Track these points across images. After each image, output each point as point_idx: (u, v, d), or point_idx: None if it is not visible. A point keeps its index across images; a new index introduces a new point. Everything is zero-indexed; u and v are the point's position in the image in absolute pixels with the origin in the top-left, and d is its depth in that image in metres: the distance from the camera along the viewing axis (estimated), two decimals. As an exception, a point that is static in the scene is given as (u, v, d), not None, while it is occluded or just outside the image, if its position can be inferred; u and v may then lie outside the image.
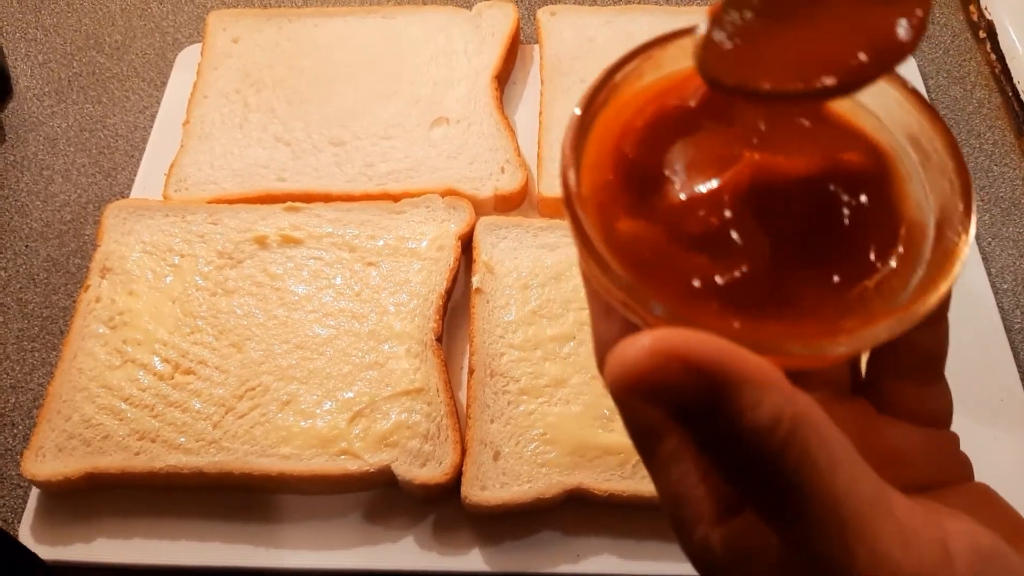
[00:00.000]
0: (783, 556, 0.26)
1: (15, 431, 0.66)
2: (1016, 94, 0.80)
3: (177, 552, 0.59)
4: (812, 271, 0.27)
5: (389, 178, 0.75)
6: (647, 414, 0.29)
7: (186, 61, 0.86)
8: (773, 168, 0.27)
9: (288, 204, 0.72)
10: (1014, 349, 0.67)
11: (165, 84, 0.85)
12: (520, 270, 0.68)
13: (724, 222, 0.27)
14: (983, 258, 0.72)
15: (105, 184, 0.80)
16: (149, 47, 0.90)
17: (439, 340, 0.65)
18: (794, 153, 0.28)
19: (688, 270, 0.26)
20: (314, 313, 0.66)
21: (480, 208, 0.73)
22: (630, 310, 0.26)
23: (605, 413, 0.61)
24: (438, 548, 0.59)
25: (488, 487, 0.59)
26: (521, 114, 0.82)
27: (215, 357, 0.64)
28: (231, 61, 0.83)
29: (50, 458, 0.60)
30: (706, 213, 0.27)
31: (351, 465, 0.59)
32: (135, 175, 0.78)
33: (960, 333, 0.31)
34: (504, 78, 0.83)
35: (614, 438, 0.59)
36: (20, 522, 0.60)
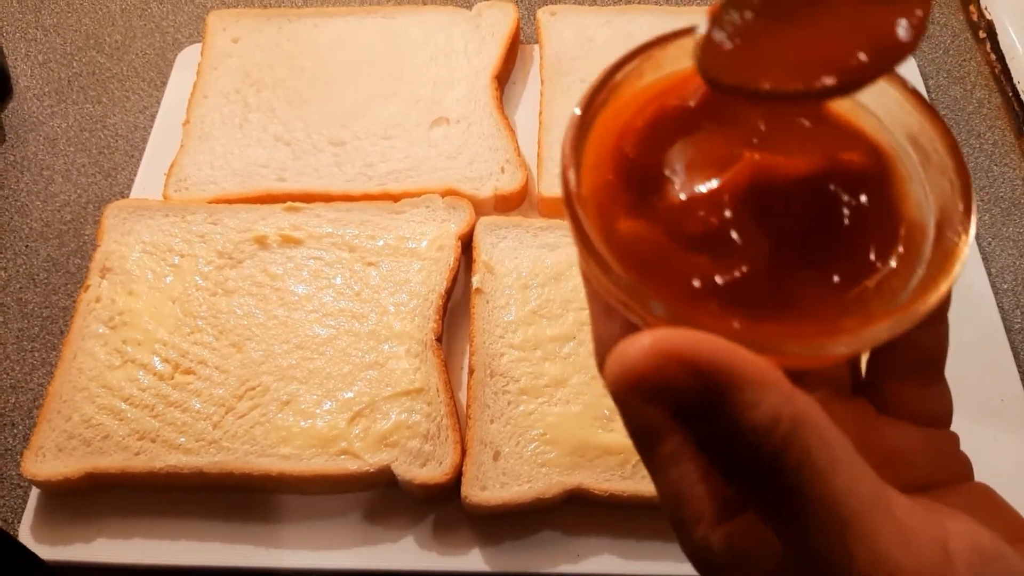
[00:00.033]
0: (783, 556, 0.26)
1: (15, 431, 0.66)
2: (1016, 94, 0.80)
3: (177, 552, 0.59)
4: (812, 271, 0.27)
5: (389, 178, 0.75)
6: (647, 414, 0.29)
7: (186, 61, 0.86)
8: (773, 168, 0.27)
9: (288, 204, 0.72)
10: (1014, 349, 0.66)
11: (165, 84, 0.85)
12: (520, 270, 0.68)
13: (724, 222, 0.27)
14: (983, 258, 0.72)
15: (105, 184, 0.80)
16: (149, 47, 0.90)
17: (439, 340, 0.65)
18: (794, 153, 0.28)
19: (688, 270, 0.26)
20: (314, 313, 0.66)
21: (480, 208, 0.73)
22: (630, 310, 0.26)
23: (605, 413, 0.61)
24: (438, 548, 0.59)
25: (488, 487, 0.59)
26: (521, 114, 0.82)
27: (215, 357, 0.64)
28: (231, 61, 0.83)
29: (50, 458, 0.60)
30: (706, 213, 0.27)
31: (351, 465, 0.59)
32: (135, 175, 0.78)
33: (960, 333, 0.31)
34: (504, 78, 0.83)
35: (614, 438, 0.59)
36: (20, 522, 0.61)
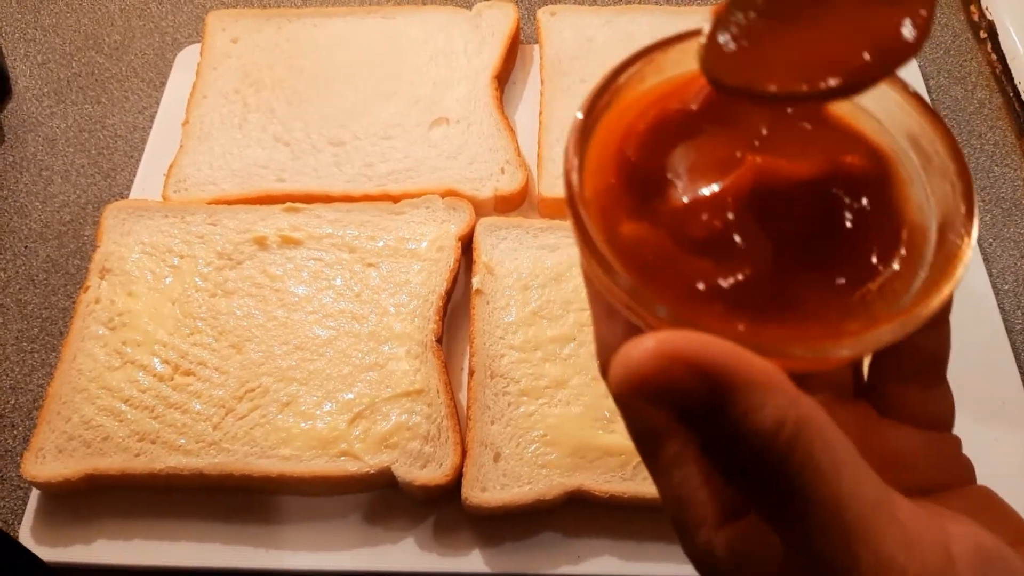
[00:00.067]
0: (786, 559, 0.26)
1: (15, 432, 0.66)
2: (1017, 94, 0.80)
3: (177, 553, 0.59)
4: (815, 274, 0.27)
5: (389, 178, 0.75)
6: (650, 417, 0.29)
7: (185, 61, 0.85)
8: (775, 171, 0.27)
9: (288, 205, 0.71)
10: (1015, 350, 0.66)
11: (164, 84, 0.85)
12: (520, 271, 0.68)
13: (727, 225, 0.27)
14: (984, 259, 0.72)
15: (104, 185, 0.80)
16: (148, 47, 0.90)
17: (439, 341, 0.65)
18: (796, 156, 0.28)
19: (691, 273, 0.26)
20: (314, 314, 0.66)
21: (480, 209, 0.73)
22: (633, 312, 0.26)
23: (606, 414, 0.60)
24: (438, 549, 0.59)
25: (488, 488, 0.59)
26: (521, 114, 0.82)
27: (215, 358, 0.63)
28: (230, 61, 0.83)
29: (50, 459, 0.60)
30: (709, 216, 0.27)
31: (351, 466, 0.59)
32: (134, 176, 0.78)
33: (961, 334, 0.31)
34: (504, 78, 0.83)
35: (615, 439, 0.59)
36: (20, 523, 0.60)
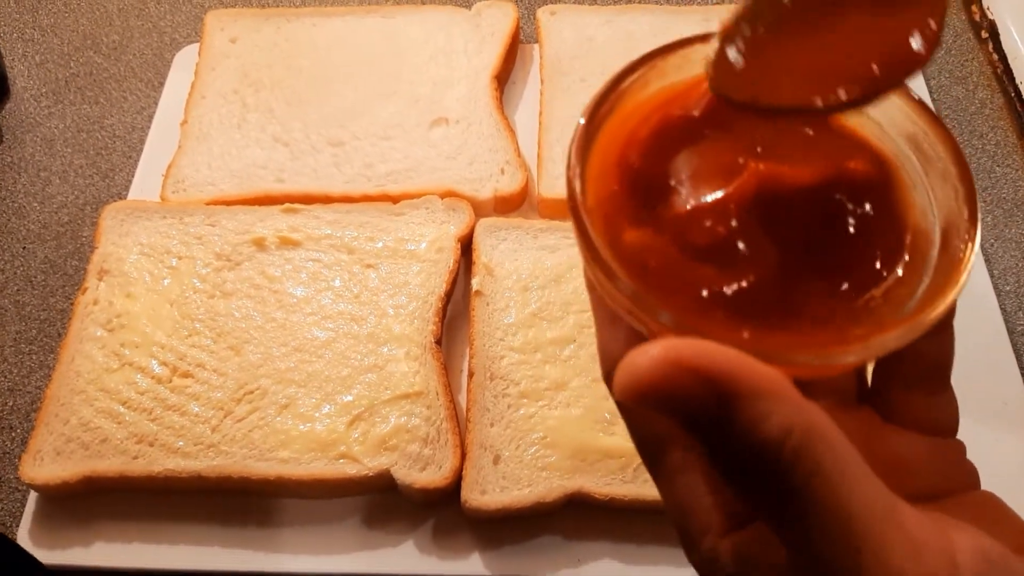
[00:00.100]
0: (791, 567, 0.26)
1: (13, 434, 0.66)
2: (1018, 94, 0.80)
3: (175, 556, 0.59)
4: (819, 280, 0.27)
5: (388, 179, 0.75)
6: (654, 424, 0.29)
7: (184, 61, 0.85)
8: (778, 177, 0.27)
9: (287, 206, 0.71)
10: (1017, 352, 0.66)
11: (163, 84, 0.85)
12: (520, 272, 0.67)
13: (730, 232, 0.27)
14: (985, 260, 0.72)
15: (103, 185, 0.79)
16: (147, 47, 0.90)
17: (438, 343, 0.64)
18: (798, 162, 0.28)
19: (695, 280, 0.26)
20: (313, 316, 0.65)
21: (480, 209, 0.72)
22: (636, 319, 0.26)
23: (606, 416, 0.60)
24: (438, 552, 0.59)
25: (488, 491, 0.58)
26: (521, 114, 0.82)
27: (213, 360, 0.63)
28: (229, 61, 0.82)
29: (48, 462, 0.60)
30: (712, 223, 0.27)
31: (350, 469, 0.59)
32: (133, 176, 0.78)
33: (962, 336, 0.31)
34: (504, 78, 0.82)
35: (615, 441, 0.59)
36: (18, 526, 0.60)
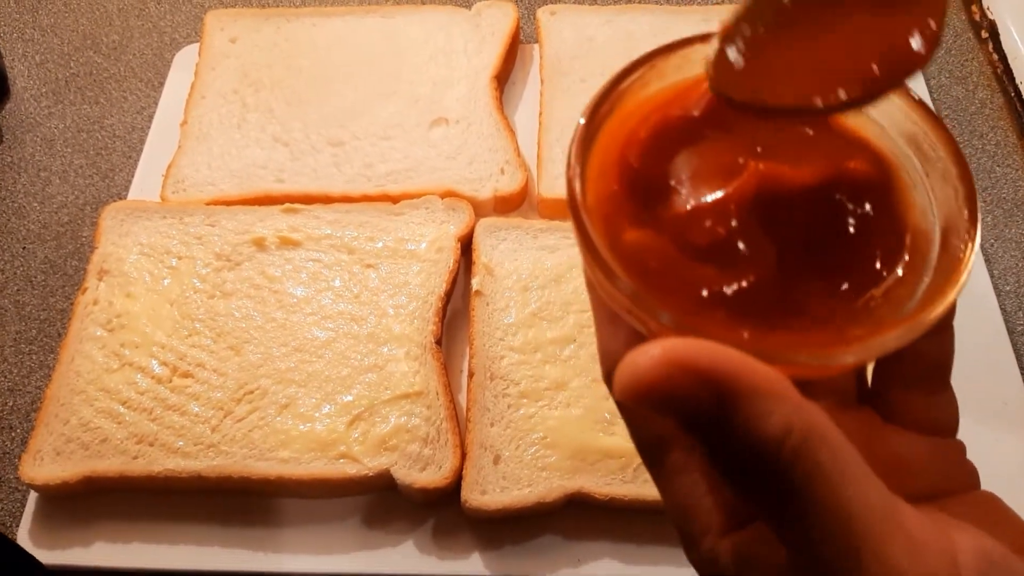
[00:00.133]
0: (791, 567, 0.26)
1: (13, 434, 0.66)
2: (1018, 94, 0.80)
3: (175, 556, 0.59)
4: (819, 280, 0.27)
5: (388, 179, 0.74)
6: (654, 424, 0.29)
7: (184, 61, 0.85)
8: (778, 177, 0.27)
9: (286, 206, 0.71)
10: (1017, 352, 0.66)
11: (163, 84, 0.85)
12: (520, 272, 0.67)
13: (730, 232, 0.27)
14: (985, 260, 0.72)
15: (102, 185, 0.79)
16: (147, 47, 0.90)
17: (438, 343, 0.64)
18: (798, 162, 0.28)
19: (695, 280, 0.26)
20: (313, 316, 0.65)
21: (480, 209, 0.72)
22: (636, 319, 0.26)
23: (606, 416, 0.60)
24: (438, 552, 0.58)
25: (488, 491, 0.58)
26: (521, 114, 0.81)
27: (213, 360, 0.63)
28: (229, 61, 0.82)
29: (48, 462, 0.60)
30: (712, 223, 0.27)
31: (350, 469, 0.59)
32: (132, 176, 0.78)
33: (962, 335, 0.31)
34: (504, 78, 0.82)
35: (615, 441, 0.59)
36: (18, 526, 0.60)
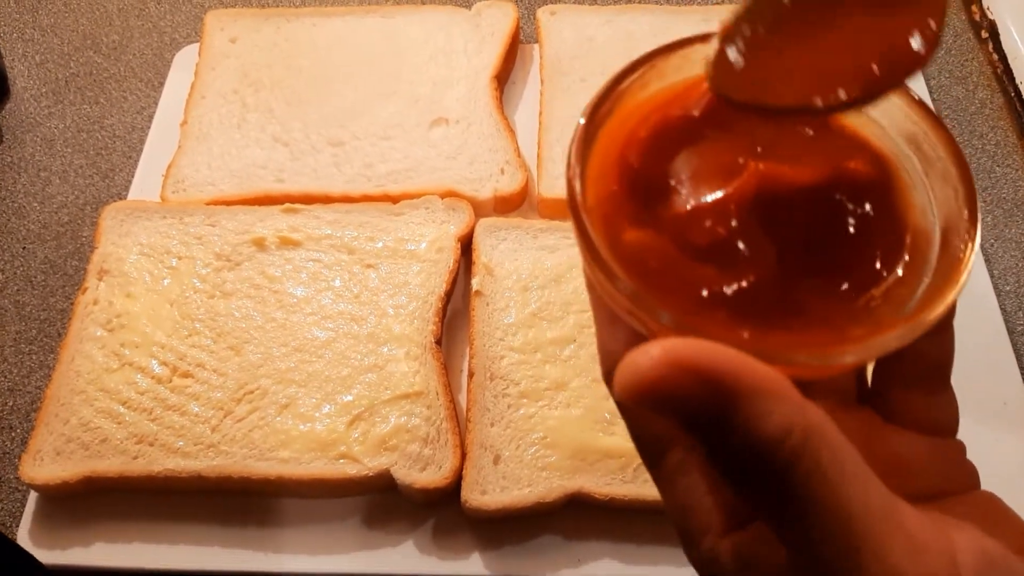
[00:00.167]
0: (791, 568, 0.26)
1: (13, 434, 0.66)
2: (1019, 94, 0.80)
3: (175, 556, 0.59)
4: (819, 280, 0.27)
5: (388, 179, 0.74)
6: (653, 424, 0.29)
7: (184, 61, 0.85)
8: (778, 177, 0.27)
9: (287, 206, 0.71)
10: (1017, 352, 0.66)
11: (163, 84, 0.85)
12: (520, 272, 0.67)
13: (730, 232, 0.27)
14: (985, 260, 0.72)
15: (102, 185, 0.79)
16: (147, 47, 0.90)
17: (438, 343, 0.64)
18: (798, 162, 0.28)
19: (695, 280, 0.26)
20: (313, 316, 0.65)
21: (480, 209, 0.72)
22: (636, 319, 0.26)
23: (606, 416, 0.60)
24: (438, 553, 0.58)
25: (488, 491, 0.58)
26: (521, 114, 0.81)
27: (213, 360, 0.63)
28: (229, 61, 0.82)
29: (48, 462, 0.60)
30: (712, 223, 0.27)
31: (350, 469, 0.59)
32: (132, 176, 0.78)
33: (962, 335, 0.31)
34: (504, 78, 0.82)
35: (615, 441, 0.59)
36: (18, 526, 0.60)
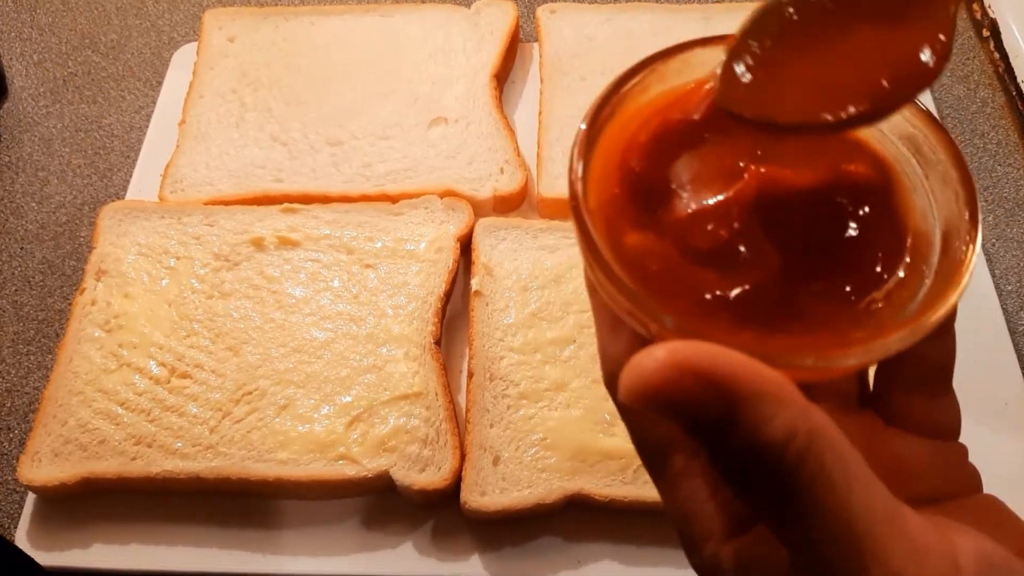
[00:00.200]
0: (793, 570, 0.26)
1: (11, 435, 0.66)
2: (1020, 93, 0.79)
3: (174, 558, 0.59)
4: (820, 283, 0.27)
5: (387, 178, 0.74)
6: (656, 428, 0.29)
7: (182, 60, 0.85)
8: (779, 181, 0.27)
9: (285, 206, 0.71)
10: (1018, 352, 0.66)
11: (161, 84, 0.84)
12: (519, 272, 0.67)
13: (732, 235, 0.27)
14: (987, 260, 0.72)
15: (100, 185, 0.79)
16: (145, 46, 0.89)
17: (438, 343, 0.64)
18: (799, 165, 0.28)
19: (697, 283, 0.26)
20: (311, 316, 0.65)
21: (479, 209, 0.72)
22: (638, 322, 0.26)
23: (606, 417, 0.60)
24: (437, 554, 0.58)
25: (488, 492, 0.58)
26: (520, 113, 0.81)
27: (211, 361, 0.63)
28: (227, 60, 0.82)
29: (46, 463, 0.60)
30: (714, 226, 0.27)
31: (349, 470, 0.58)
32: (131, 176, 0.77)
33: (963, 336, 0.30)
34: (503, 77, 0.82)
35: (615, 442, 0.59)
36: (16, 527, 0.60)
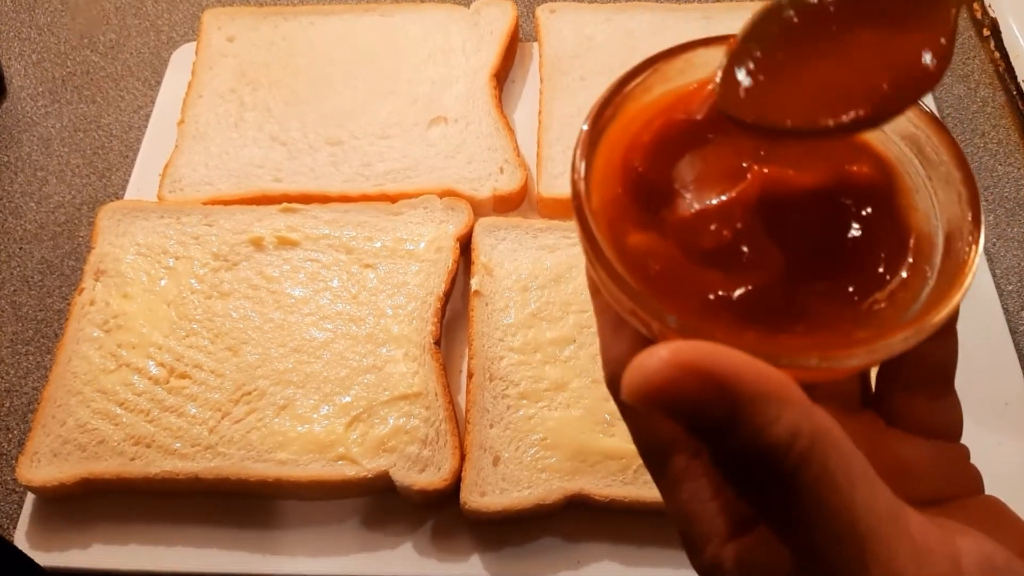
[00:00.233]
0: (795, 571, 0.26)
1: (10, 436, 0.66)
2: (1020, 92, 0.79)
3: (173, 558, 0.58)
4: (824, 283, 0.27)
5: (386, 178, 0.74)
6: (658, 429, 0.29)
7: (181, 60, 0.85)
8: (782, 181, 0.27)
9: (284, 205, 0.71)
10: (1019, 352, 0.66)
11: (160, 83, 0.84)
12: (519, 272, 0.67)
13: (735, 235, 0.27)
14: (988, 259, 0.71)
15: (99, 185, 0.79)
16: (144, 46, 0.89)
17: (437, 343, 0.64)
18: (802, 165, 0.28)
19: (700, 283, 0.26)
20: (311, 316, 0.65)
21: (479, 209, 0.72)
22: (641, 322, 0.25)
23: (606, 417, 0.60)
24: (437, 555, 0.58)
25: (488, 493, 0.58)
26: (520, 113, 0.81)
27: (211, 361, 0.63)
28: (226, 60, 0.82)
29: (45, 463, 0.60)
30: (717, 227, 0.27)
31: (349, 470, 0.58)
32: (129, 176, 0.77)
33: (964, 335, 0.30)
34: (503, 76, 0.82)
35: (615, 443, 0.59)
36: (15, 528, 0.60)
